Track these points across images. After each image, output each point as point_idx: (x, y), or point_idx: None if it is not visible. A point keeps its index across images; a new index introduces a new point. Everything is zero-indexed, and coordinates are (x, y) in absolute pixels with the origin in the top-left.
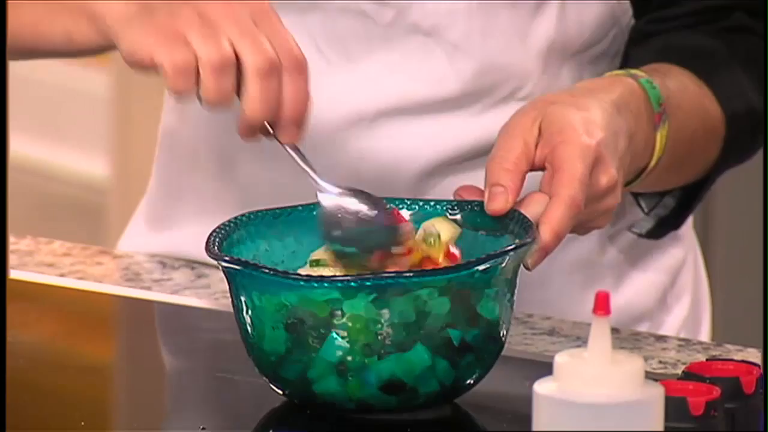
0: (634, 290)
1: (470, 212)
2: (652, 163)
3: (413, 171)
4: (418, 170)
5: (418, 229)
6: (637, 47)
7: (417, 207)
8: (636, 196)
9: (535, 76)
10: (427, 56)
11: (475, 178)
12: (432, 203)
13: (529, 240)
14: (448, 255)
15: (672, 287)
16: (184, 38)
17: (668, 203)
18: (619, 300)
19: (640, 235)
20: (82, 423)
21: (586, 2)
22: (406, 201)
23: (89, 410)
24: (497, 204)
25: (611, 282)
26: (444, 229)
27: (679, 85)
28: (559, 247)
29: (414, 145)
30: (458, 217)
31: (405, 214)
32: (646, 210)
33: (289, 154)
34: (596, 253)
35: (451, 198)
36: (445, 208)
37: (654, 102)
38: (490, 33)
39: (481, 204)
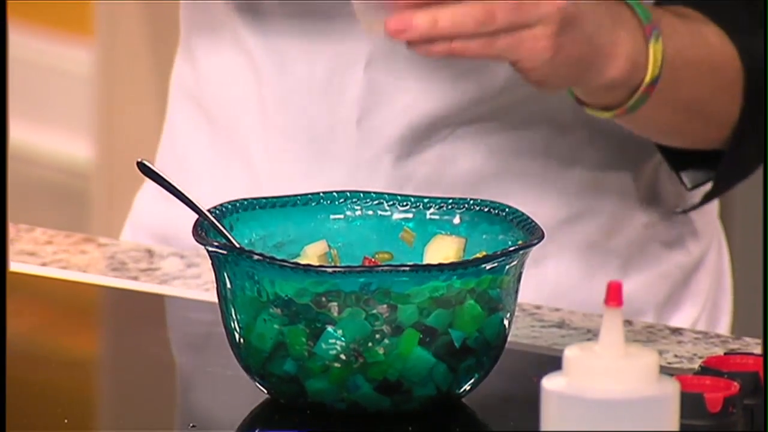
0: (640, 282)
1: (468, 212)
2: (647, 78)
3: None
4: (409, 126)
5: (412, 228)
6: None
7: (414, 207)
8: (678, 172)
9: None
10: None
11: (468, 140)
12: (427, 201)
13: (534, 241)
14: None
15: (685, 286)
16: None
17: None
18: (623, 288)
19: (683, 212)
20: (66, 420)
21: None
22: (397, 197)
23: (73, 407)
24: None
25: (615, 270)
26: (447, 247)
27: (687, 20)
28: (564, 224)
29: (403, 101)
30: (457, 219)
31: (401, 215)
32: (689, 186)
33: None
34: (604, 236)
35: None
36: (440, 206)
37: (642, 15)
38: None
39: (481, 203)
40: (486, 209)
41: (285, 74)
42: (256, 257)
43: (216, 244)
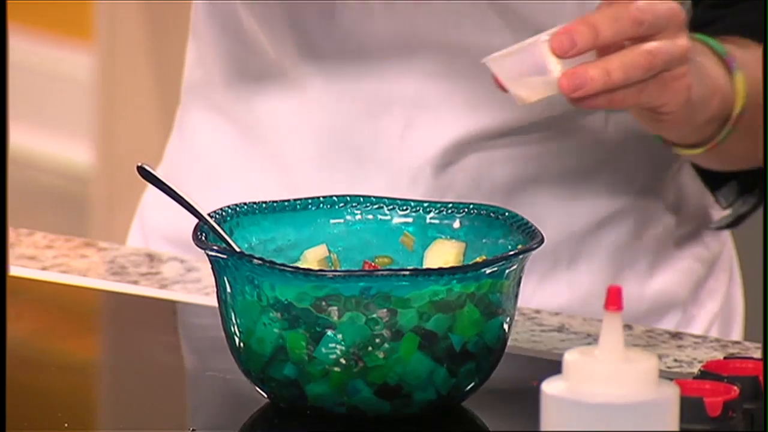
0: (668, 277)
1: (468, 217)
2: (737, 110)
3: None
4: (443, 144)
5: (412, 232)
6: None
7: (414, 212)
8: (714, 192)
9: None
10: None
11: (505, 156)
12: (427, 206)
13: (534, 245)
14: None
15: (706, 280)
16: None
17: (749, 200)
18: (652, 286)
19: (718, 228)
20: (66, 425)
21: None
22: (397, 201)
23: (73, 411)
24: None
25: (645, 266)
26: (447, 252)
27: (747, 48)
28: (596, 227)
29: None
30: (457, 224)
31: (401, 219)
32: (724, 205)
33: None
34: (633, 237)
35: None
36: (440, 210)
37: (718, 50)
38: None
39: (480, 208)
40: (486, 213)
41: (331, 84)
42: (256, 261)
43: (216, 248)
